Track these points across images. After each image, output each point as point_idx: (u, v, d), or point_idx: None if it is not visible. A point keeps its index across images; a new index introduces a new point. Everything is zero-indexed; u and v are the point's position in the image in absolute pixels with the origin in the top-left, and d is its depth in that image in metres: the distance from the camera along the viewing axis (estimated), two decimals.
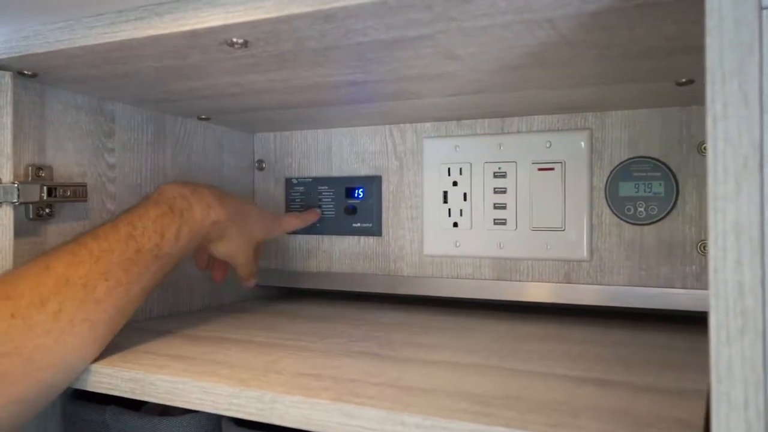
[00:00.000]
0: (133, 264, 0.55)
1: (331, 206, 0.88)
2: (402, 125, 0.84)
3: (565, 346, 0.61)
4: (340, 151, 0.88)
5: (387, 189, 0.85)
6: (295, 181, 0.91)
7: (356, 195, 0.86)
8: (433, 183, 0.81)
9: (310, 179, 0.90)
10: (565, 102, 0.68)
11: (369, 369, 0.52)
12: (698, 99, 0.65)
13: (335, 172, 0.89)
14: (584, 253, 0.73)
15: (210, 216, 0.63)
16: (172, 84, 0.62)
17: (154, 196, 0.61)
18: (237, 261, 0.71)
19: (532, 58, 0.51)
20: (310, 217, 0.87)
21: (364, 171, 0.87)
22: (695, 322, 0.73)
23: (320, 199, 0.88)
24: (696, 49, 0.48)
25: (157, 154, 0.78)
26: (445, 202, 0.81)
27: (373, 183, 0.85)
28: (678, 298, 0.69)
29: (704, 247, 0.68)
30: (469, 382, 0.48)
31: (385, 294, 0.85)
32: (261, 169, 0.94)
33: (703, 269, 0.68)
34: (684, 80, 0.58)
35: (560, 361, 0.55)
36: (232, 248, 0.69)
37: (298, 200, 0.90)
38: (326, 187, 0.88)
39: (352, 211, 0.86)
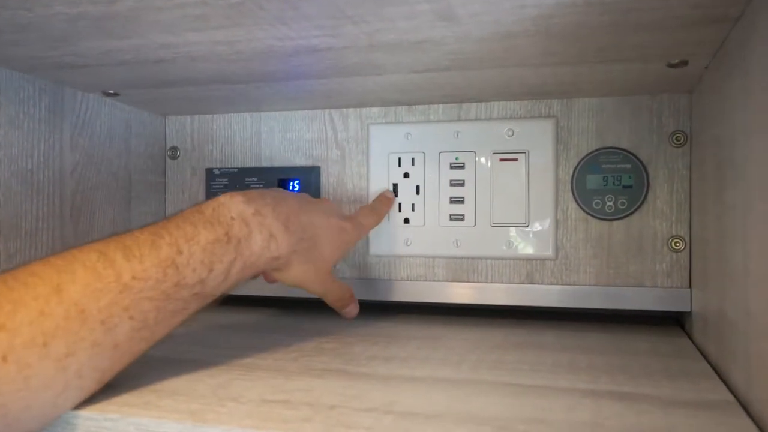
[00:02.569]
0: (167, 300, 0.42)
1: None
2: (344, 110, 0.75)
3: (550, 354, 0.54)
4: (270, 138, 0.78)
5: (327, 181, 0.76)
6: (217, 172, 0.79)
7: (291, 188, 0.76)
8: (381, 175, 0.73)
9: (236, 170, 0.78)
10: (536, 84, 0.62)
11: (346, 391, 0.43)
12: (682, 85, 0.61)
13: (265, 162, 0.78)
14: (549, 251, 0.68)
15: (270, 250, 0.49)
16: (85, 41, 0.50)
17: (209, 211, 0.47)
18: (311, 291, 0.59)
19: (534, 24, 0.45)
20: (385, 206, 0.71)
21: (299, 161, 0.77)
22: (666, 322, 0.70)
23: None
24: (717, 21, 0.43)
25: (52, 134, 0.64)
26: (395, 195, 0.73)
27: (310, 174, 0.76)
28: (648, 297, 0.65)
29: (675, 243, 0.64)
30: (475, 403, 0.40)
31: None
32: (174, 157, 0.82)
33: (674, 266, 0.65)
34: (677, 61, 0.53)
35: (556, 372, 0.48)
36: (298, 278, 0.55)
37: (221, 193, 0.78)
38: (255, 179, 0.77)
39: None
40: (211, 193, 0.79)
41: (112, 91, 0.68)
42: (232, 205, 0.48)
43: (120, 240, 0.41)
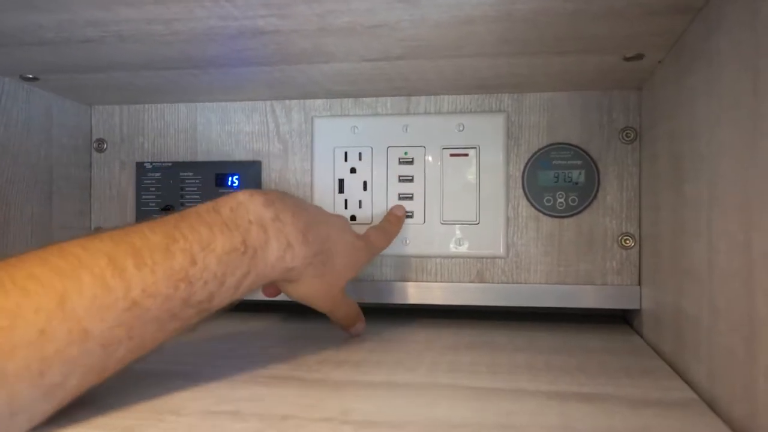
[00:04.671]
0: (171, 320, 0.37)
1: (198, 197, 0.72)
2: (287, 102, 0.71)
3: (505, 355, 0.53)
4: (207, 130, 0.73)
5: (268, 176, 0.72)
6: (148, 166, 0.74)
7: (230, 183, 0.72)
8: (327, 170, 0.70)
9: (170, 164, 0.73)
10: (489, 77, 0.60)
11: (298, 399, 0.40)
12: (632, 80, 0.61)
13: (202, 156, 0.73)
14: (500, 249, 0.66)
15: (285, 261, 0.44)
16: (5, 14, 0.44)
17: (226, 211, 0.41)
18: (318, 307, 0.53)
19: (495, 9, 0.43)
20: (395, 226, 0.66)
21: (239, 155, 0.72)
22: (613, 319, 0.69)
23: (183, 188, 0.73)
24: (680, 11, 0.43)
25: None
26: (341, 191, 0.69)
27: (250, 169, 0.71)
28: (598, 295, 0.64)
29: (625, 240, 0.64)
30: (440, 410, 0.38)
31: (266, 301, 0.72)
32: (101, 150, 0.76)
33: (624, 264, 0.64)
34: (633, 54, 0.52)
35: (516, 373, 0.46)
36: (307, 293, 0.50)
37: (153, 189, 0.73)
38: (191, 174, 0.72)
39: None
40: (142, 189, 0.74)
41: (31, 75, 0.62)
42: (251, 205, 0.43)
43: (129, 240, 0.36)
